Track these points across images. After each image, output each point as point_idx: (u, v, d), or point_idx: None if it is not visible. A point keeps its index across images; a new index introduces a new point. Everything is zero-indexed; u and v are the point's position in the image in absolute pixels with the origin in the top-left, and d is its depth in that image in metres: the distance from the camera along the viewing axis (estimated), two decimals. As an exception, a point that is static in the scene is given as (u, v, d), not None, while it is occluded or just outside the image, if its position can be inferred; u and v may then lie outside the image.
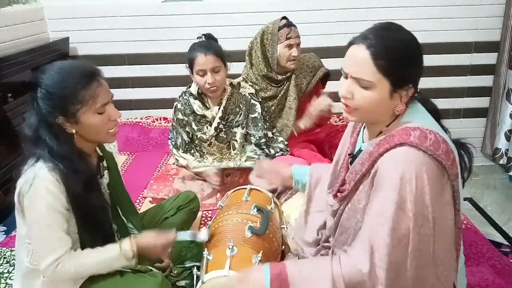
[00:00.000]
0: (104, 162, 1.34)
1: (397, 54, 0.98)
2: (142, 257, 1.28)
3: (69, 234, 1.18)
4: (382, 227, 0.96)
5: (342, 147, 1.30)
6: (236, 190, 1.61)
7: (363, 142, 1.18)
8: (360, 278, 0.97)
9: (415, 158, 0.95)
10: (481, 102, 3.03)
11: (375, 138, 1.08)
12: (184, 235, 1.36)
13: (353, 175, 1.13)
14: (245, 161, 2.07)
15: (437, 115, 1.11)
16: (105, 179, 1.34)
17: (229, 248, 1.21)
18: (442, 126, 1.10)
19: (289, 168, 1.51)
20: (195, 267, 1.34)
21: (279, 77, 2.15)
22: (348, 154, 1.23)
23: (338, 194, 1.20)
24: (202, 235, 1.34)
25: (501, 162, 2.98)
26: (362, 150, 1.15)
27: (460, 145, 1.12)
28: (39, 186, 1.11)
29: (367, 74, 0.98)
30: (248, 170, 2.03)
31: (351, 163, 1.19)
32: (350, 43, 1.03)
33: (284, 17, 2.09)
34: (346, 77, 1.04)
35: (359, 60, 0.99)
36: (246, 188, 1.55)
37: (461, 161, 1.10)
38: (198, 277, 1.22)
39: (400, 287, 0.97)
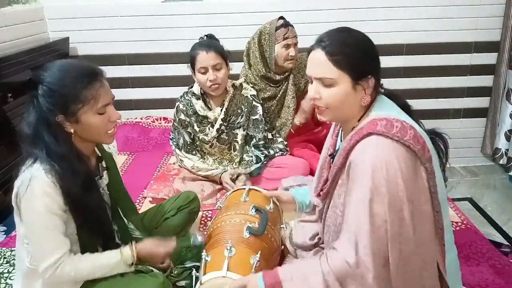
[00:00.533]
0: (103, 163, 1.34)
1: (350, 48, 1.06)
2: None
3: (67, 236, 1.18)
4: (361, 216, 0.99)
5: (324, 151, 1.34)
6: (235, 190, 1.60)
7: (341, 141, 1.22)
8: (349, 270, 1.00)
9: (384, 145, 1.00)
10: (481, 102, 3.03)
11: (349, 134, 1.13)
12: (183, 241, 1.38)
13: (332, 172, 1.17)
14: (238, 163, 2.08)
15: (408, 109, 1.17)
16: (105, 180, 1.34)
17: (227, 249, 1.21)
18: (415, 119, 1.13)
19: (288, 193, 1.54)
20: (194, 268, 1.34)
21: (277, 77, 2.15)
22: (329, 155, 1.27)
23: (321, 192, 1.24)
24: (198, 239, 1.35)
25: (501, 162, 2.98)
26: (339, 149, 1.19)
27: (435, 133, 1.17)
28: (36, 188, 1.11)
29: (327, 72, 1.06)
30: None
31: (332, 163, 1.22)
32: (309, 50, 1.12)
33: (281, 17, 2.09)
34: (312, 81, 1.12)
35: (318, 62, 1.08)
36: (244, 189, 1.55)
37: (438, 149, 1.15)
38: (197, 278, 1.22)
39: (389, 272, 1.00)
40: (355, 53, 1.06)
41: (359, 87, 1.07)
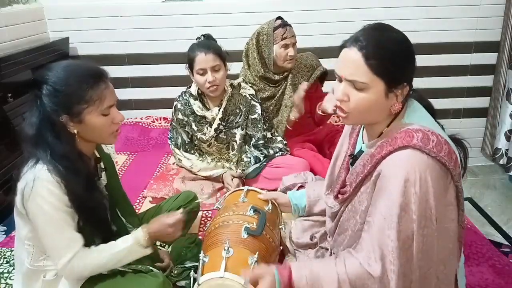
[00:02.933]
0: (102, 164, 1.34)
1: (389, 54, 0.99)
2: (143, 257, 1.27)
3: (79, 231, 1.18)
4: (389, 231, 0.96)
5: (340, 148, 1.30)
6: (234, 191, 1.60)
7: (363, 143, 1.18)
8: (369, 282, 0.97)
9: (419, 161, 0.96)
10: (481, 102, 3.03)
11: (377, 140, 1.08)
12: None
13: (354, 176, 1.13)
14: (237, 163, 2.07)
15: (432, 111, 1.12)
16: (103, 181, 1.34)
17: (225, 250, 1.21)
18: (438, 123, 1.10)
19: (284, 195, 1.52)
20: (192, 270, 1.34)
21: (276, 77, 2.15)
22: (349, 155, 1.22)
23: (339, 195, 1.20)
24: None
25: (501, 162, 2.98)
26: (362, 151, 1.15)
27: (455, 141, 1.12)
28: (40, 188, 1.11)
29: (361, 76, 0.99)
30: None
31: (351, 164, 1.19)
32: (342, 46, 1.04)
33: (279, 17, 2.09)
34: (341, 80, 1.04)
35: (352, 63, 1.00)
36: (243, 190, 1.55)
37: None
38: (195, 279, 1.22)
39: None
40: (394, 59, 0.99)
41: (391, 94, 1.01)
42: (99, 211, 1.24)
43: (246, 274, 1.10)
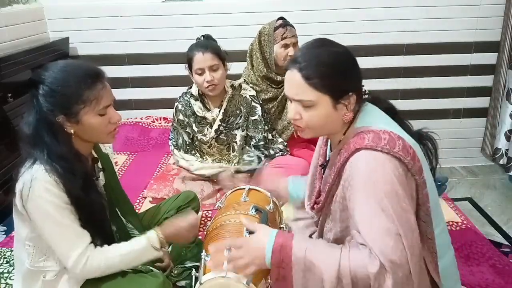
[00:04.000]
0: (99, 164, 1.34)
1: (328, 70, 1.02)
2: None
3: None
4: (374, 234, 0.96)
5: (315, 159, 1.33)
6: (235, 190, 1.60)
7: (331, 151, 1.20)
8: (366, 277, 0.95)
9: (374, 159, 0.98)
10: (481, 102, 3.03)
11: (336, 148, 1.11)
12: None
13: (325, 186, 1.15)
14: (237, 163, 2.07)
15: (393, 111, 1.15)
16: (101, 181, 1.34)
17: (227, 249, 1.21)
18: (402, 120, 1.12)
19: (284, 187, 1.51)
20: (194, 269, 1.34)
21: (279, 78, 2.15)
22: (320, 165, 1.25)
23: (315, 206, 1.22)
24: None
25: (501, 162, 2.97)
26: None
27: (422, 135, 1.14)
28: (39, 189, 1.10)
29: (306, 95, 1.03)
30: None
31: (323, 173, 1.21)
32: (286, 69, 1.09)
33: (281, 18, 2.10)
34: (291, 101, 1.09)
35: (295, 84, 1.04)
36: (244, 189, 1.55)
37: (426, 151, 1.12)
38: (196, 278, 1.22)
39: (405, 285, 0.96)
40: (333, 74, 1.03)
41: (340, 105, 1.05)
42: (97, 211, 1.23)
43: (247, 223, 1.13)
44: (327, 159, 1.22)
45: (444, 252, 1.12)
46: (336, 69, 1.03)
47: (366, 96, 1.15)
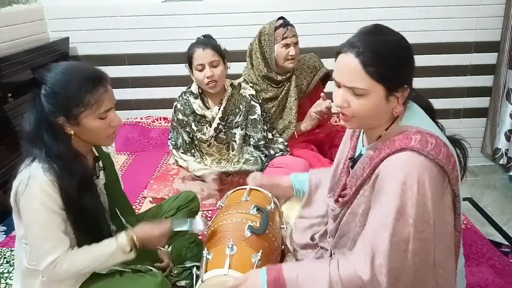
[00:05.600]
0: (100, 163, 1.34)
1: (387, 59, 0.97)
2: (142, 256, 1.27)
3: (67, 233, 1.18)
4: (383, 233, 0.95)
5: (342, 151, 1.30)
6: (236, 190, 1.60)
7: (363, 146, 1.18)
8: (360, 283, 0.96)
9: (417, 163, 0.95)
10: (481, 102, 3.04)
11: (375, 142, 1.07)
12: (181, 224, 1.34)
13: (354, 179, 1.13)
14: (243, 163, 2.07)
15: (432, 111, 1.11)
16: (101, 180, 1.34)
17: (229, 247, 1.21)
18: (437, 123, 1.10)
19: (287, 177, 1.52)
20: (194, 267, 1.34)
21: (279, 78, 2.15)
22: (349, 159, 1.22)
23: (340, 199, 1.20)
24: (199, 225, 1.32)
25: (501, 162, 2.98)
26: (362, 155, 1.15)
27: (455, 142, 1.11)
28: (34, 187, 1.10)
29: (360, 83, 0.97)
30: (248, 172, 2.05)
31: (351, 167, 1.19)
32: (338, 52, 1.02)
33: (281, 17, 2.10)
34: (339, 86, 1.03)
35: (350, 69, 0.98)
36: (245, 188, 1.55)
37: (458, 158, 1.09)
38: (198, 277, 1.22)
39: None
40: (393, 64, 0.97)
41: (392, 97, 1.00)
42: (92, 213, 1.22)
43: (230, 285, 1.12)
44: (358, 153, 1.19)
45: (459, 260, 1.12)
46: (395, 60, 0.98)
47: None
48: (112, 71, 2.85)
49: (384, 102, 0.99)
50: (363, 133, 1.19)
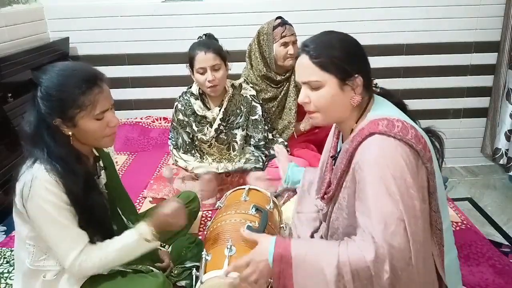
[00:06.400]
0: (101, 162, 1.34)
1: (333, 49, 1.07)
2: (143, 256, 1.27)
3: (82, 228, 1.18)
4: (375, 216, 0.97)
5: (325, 153, 1.34)
6: (235, 190, 1.61)
7: (342, 143, 1.21)
8: (364, 266, 0.96)
9: (387, 144, 1.00)
10: (481, 102, 3.04)
11: (349, 136, 1.12)
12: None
13: (336, 174, 1.16)
14: (244, 163, 2.07)
15: (404, 108, 1.17)
16: (102, 179, 1.34)
17: (227, 248, 1.21)
18: (412, 118, 1.13)
19: (285, 164, 1.61)
20: (194, 268, 1.34)
21: (278, 78, 2.16)
22: (330, 157, 1.27)
23: (325, 196, 1.23)
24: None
25: (501, 162, 2.98)
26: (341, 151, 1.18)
27: (430, 132, 1.16)
28: (39, 188, 1.10)
29: (312, 75, 1.08)
30: (249, 170, 2.05)
31: (334, 164, 1.22)
32: (296, 58, 1.14)
33: (279, 17, 2.10)
34: (301, 86, 1.13)
35: (303, 66, 1.10)
36: (244, 189, 1.55)
37: (434, 148, 1.13)
38: (197, 278, 1.22)
39: (406, 271, 0.96)
40: (339, 54, 1.07)
41: (346, 87, 1.07)
42: (97, 212, 1.23)
43: (246, 234, 1.16)
44: (338, 150, 1.23)
45: (448, 250, 1.12)
46: (341, 50, 1.07)
47: (378, 90, 1.19)
48: (112, 71, 2.86)
49: (339, 91, 1.08)
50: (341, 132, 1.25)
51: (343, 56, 1.07)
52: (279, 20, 2.09)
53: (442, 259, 1.09)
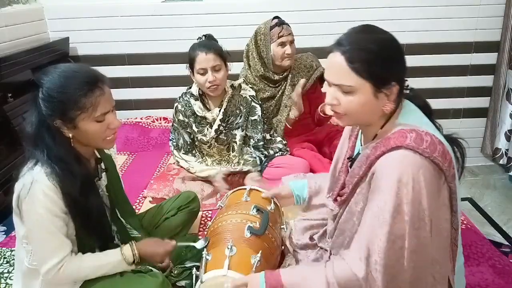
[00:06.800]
0: (102, 164, 1.34)
1: (372, 55, 0.98)
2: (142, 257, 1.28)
3: (68, 237, 1.18)
4: (378, 230, 0.96)
5: (340, 151, 1.31)
6: (236, 190, 1.60)
7: (361, 145, 1.18)
8: (356, 283, 0.97)
9: (412, 161, 0.95)
10: (481, 102, 3.04)
11: (372, 141, 1.08)
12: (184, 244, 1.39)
13: (352, 178, 1.13)
14: (242, 164, 2.07)
15: (428, 110, 1.12)
16: (103, 181, 1.34)
17: (228, 248, 1.21)
18: (434, 122, 1.10)
19: (286, 186, 1.52)
20: (194, 267, 1.34)
21: (276, 77, 2.16)
22: (347, 158, 1.23)
23: (338, 198, 1.21)
24: (200, 244, 1.33)
25: (501, 162, 2.98)
26: (360, 154, 1.15)
27: (452, 141, 1.11)
28: (37, 191, 1.11)
29: (346, 80, 0.99)
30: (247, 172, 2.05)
31: (350, 166, 1.19)
32: (328, 52, 1.05)
33: (276, 17, 2.11)
34: (330, 85, 1.06)
35: (336, 67, 1.01)
36: (246, 189, 1.55)
37: (456, 157, 1.09)
38: (197, 277, 1.22)
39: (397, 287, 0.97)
40: (378, 60, 0.98)
41: (381, 94, 1.00)
42: (94, 215, 1.23)
43: (231, 282, 1.13)
44: (356, 152, 1.20)
45: (458, 259, 1.12)
46: (380, 56, 0.99)
47: (409, 92, 1.12)
48: (112, 71, 2.86)
49: (373, 99, 1.01)
50: (361, 133, 1.20)
51: (382, 63, 0.98)
52: (276, 20, 2.10)
53: (454, 272, 1.09)
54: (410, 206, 0.94)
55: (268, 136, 2.16)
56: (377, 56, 0.98)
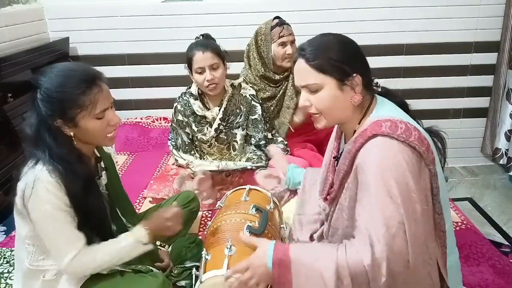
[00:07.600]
0: (102, 163, 1.34)
1: (330, 51, 1.07)
2: (143, 256, 1.27)
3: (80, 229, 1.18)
4: (376, 218, 0.97)
5: (328, 154, 1.34)
6: (235, 190, 1.61)
7: (345, 144, 1.21)
8: (362, 269, 0.96)
9: (389, 146, 1.00)
10: (481, 102, 3.04)
11: (352, 137, 1.12)
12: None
13: (338, 175, 1.16)
14: (245, 161, 2.07)
15: (406, 107, 1.17)
16: (103, 180, 1.34)
17: (227, 248, 1.21)
18: (414, 118, 1.13)
19: (285, 165, 1.61)
20: (194, 267, 1.34)
21: (277, 77, 2.16)
22: (333, 158, 1.27)
23: (328, 197, 1.23)
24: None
25: (501, 162, 2.98)
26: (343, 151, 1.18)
27: (432, 132, 1.16)
28: (41, 189, 1.11)
29: (310, 79, 1.08)
30: (249, 170, 2.04)
31: (336, 165, 1.22)
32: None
33: (277, 17, 2.11)
34: (300, 90, 1.14)
35: (300, 70, 1.11)
36: (245, 188, 1.55)
37: (436, 148, 1.13)
38: (197, 277, 1.22)
39: (403, 275, 0.96)
40: (335, 54, 1.07)
41: (346, 87, 1.07)
42: (96, 213, 1.23)
43: (243, 238, 1.17)
44: (341, 152, 1.23)
45: (450, 251, 1.12)
46: (337, 50, 1.07)
47: (379, 89, 1.19)
48: (112, 71, 2.86)
49: (339, 92, 1.08)
50: (343, 133, 1.25)
51: (340, 57, 1.07)
52: (276, 20, 2.10)
53: (445, 260, 1.09)
54: (398, 189, 0.96)
55: (269, 136, 2.16)
56: (334, 51, 1.07)
